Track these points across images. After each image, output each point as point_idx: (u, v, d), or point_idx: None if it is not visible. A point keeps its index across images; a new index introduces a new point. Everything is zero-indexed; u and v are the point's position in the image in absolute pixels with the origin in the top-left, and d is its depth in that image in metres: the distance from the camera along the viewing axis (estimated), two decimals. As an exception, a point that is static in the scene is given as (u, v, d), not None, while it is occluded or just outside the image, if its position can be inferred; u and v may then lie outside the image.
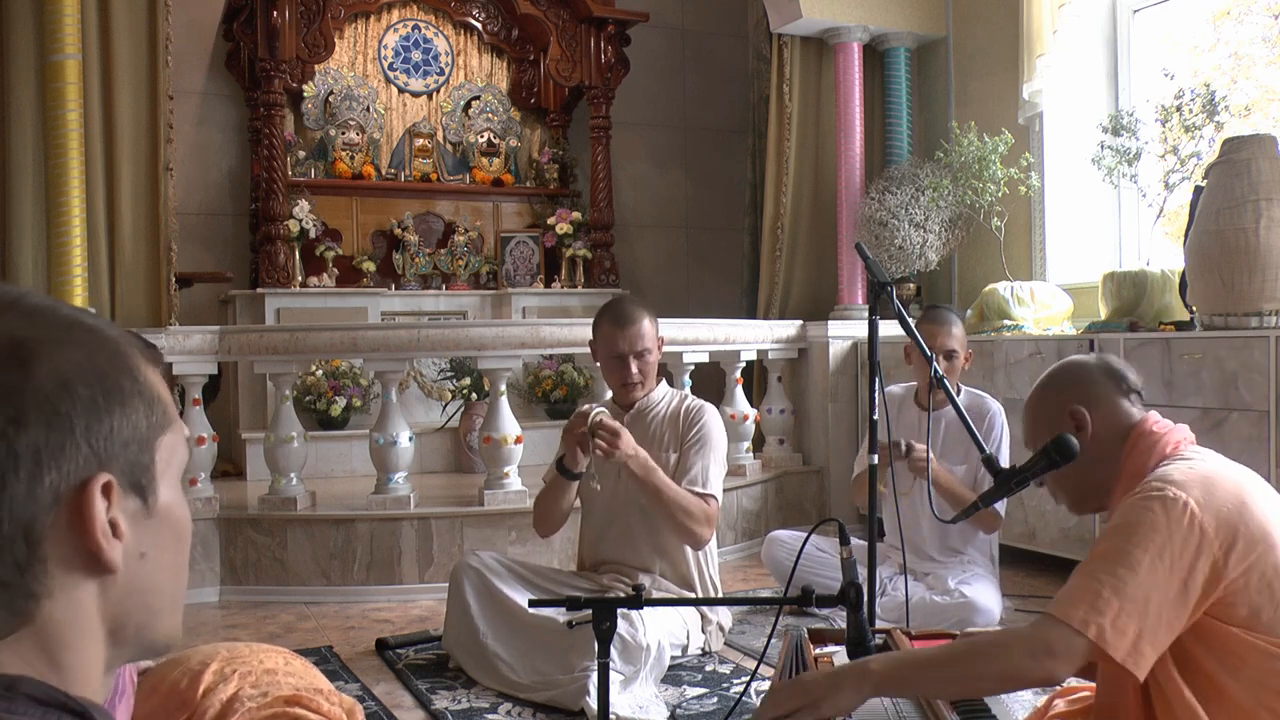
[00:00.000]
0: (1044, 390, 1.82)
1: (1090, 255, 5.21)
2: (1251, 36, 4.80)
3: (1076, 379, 1.78)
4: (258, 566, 4.11)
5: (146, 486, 0.76)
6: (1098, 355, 1.85)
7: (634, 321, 3.04)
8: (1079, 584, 1.51)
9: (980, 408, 3.42)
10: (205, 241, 6.20)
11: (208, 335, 4.17)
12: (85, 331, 0.74)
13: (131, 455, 0.74)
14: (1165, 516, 1.48)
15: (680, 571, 3.15)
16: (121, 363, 0.75)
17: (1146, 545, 1.47)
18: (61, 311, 0.75)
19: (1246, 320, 3.55)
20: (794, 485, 5.37)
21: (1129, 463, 1.69)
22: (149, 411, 0.76)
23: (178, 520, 0.79)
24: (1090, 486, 1.77)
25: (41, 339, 0.71)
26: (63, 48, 3.99)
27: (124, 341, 0.77)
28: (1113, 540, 1.52)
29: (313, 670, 1.63)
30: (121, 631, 0.76)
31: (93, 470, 0.71)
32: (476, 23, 6.68)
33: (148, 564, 0.76)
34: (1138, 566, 1.46)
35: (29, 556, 0.70)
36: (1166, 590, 1.46)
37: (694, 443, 3.07)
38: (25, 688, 0.69)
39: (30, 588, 0.70)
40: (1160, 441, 1.67)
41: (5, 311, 0.72)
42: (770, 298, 5.99)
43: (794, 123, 5.91)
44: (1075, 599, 1.49)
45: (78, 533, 0.71)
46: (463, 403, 5.61)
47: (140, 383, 0.76)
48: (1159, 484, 1.54)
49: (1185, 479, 1.53)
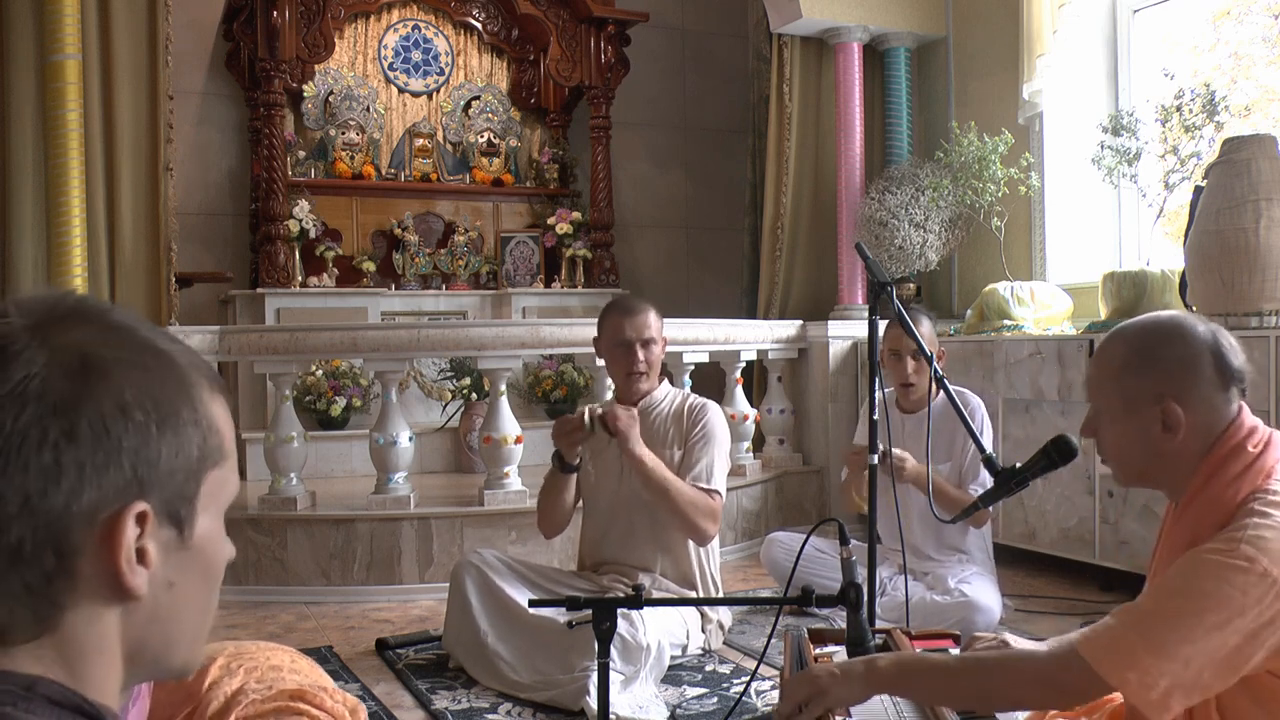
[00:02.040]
0: (1139, 362, 1.55)
1: (1090, 255, 5.21)
2: (1251, 36, 4.80)
3: (1181, 365, 1.52)
4: (258, 566, 4.11)
5: (185, 518, 0.76)
6: (1208, 327, 1.55)
7: (640, 311, 3.10)
8: (1120, 635, 1.39)
9: (960, 402, 3.42)
10: (205, 241, 6.20)
11: (208, 335, 4.17)
12: (156, 356, 0.75)
13: (176, 485, 0.74)
14: (1244, 595, 1.34)
15: (682, 569, 3.16)
16: (185, 392, 0.76)
17: (1209, 619, 1.34)
18: (140, 333, 0.75)
19: (1246, 320, 3.55)
20: (794, 485, 5.37)
21: (1213, 485, 1.50)
22: (203, 443, 0.77)
23: (211, 555, 0.80)
24: (1152, 475, 1.59)
25: (112, 358, 0.72)
26: (63, 48, 3.99)
27: (194, 370, 0.78)
28: (1178, 601, 1.38)
29: (318, 669, 1.64)
30: (140, 656, 0.76)
31: (132, 496, 0.72)
32: (476, 23, 6.68)
33: (174, 594, 0.76)
34: (1191, 634, 1.34)
35: (57, 568, 0.70)
36: (1216, 655, 1.34)
37: (698, 439, 3.09)
38: (43, 689, 0.70)
39: (56, 598, 0.71)
40: (1253, 467, 1.48)
41: (87, 324, 0.73)
42: (770, 298, 5.99)
43: (794, 123, 5.91)
44: (1110, 649, 1.38)
45: (106, 555, 0.71)
46: (463, 403, 5.61)
47: (199, 413, 0.76)
48: (1251, 550, 1.35)
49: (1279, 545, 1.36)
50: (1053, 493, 4.07)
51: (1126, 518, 3.83)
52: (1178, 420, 1.51)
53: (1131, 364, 1.55)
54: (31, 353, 0.70)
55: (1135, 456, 1.58)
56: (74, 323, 0.73)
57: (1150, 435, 1.54)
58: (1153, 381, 1.52)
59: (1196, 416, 1.51)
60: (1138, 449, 1.56)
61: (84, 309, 0.74)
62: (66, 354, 0.70)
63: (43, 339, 0.71)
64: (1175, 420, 1.51)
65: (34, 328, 0.71)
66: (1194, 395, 1.51)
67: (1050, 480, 3.98)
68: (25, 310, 0.73)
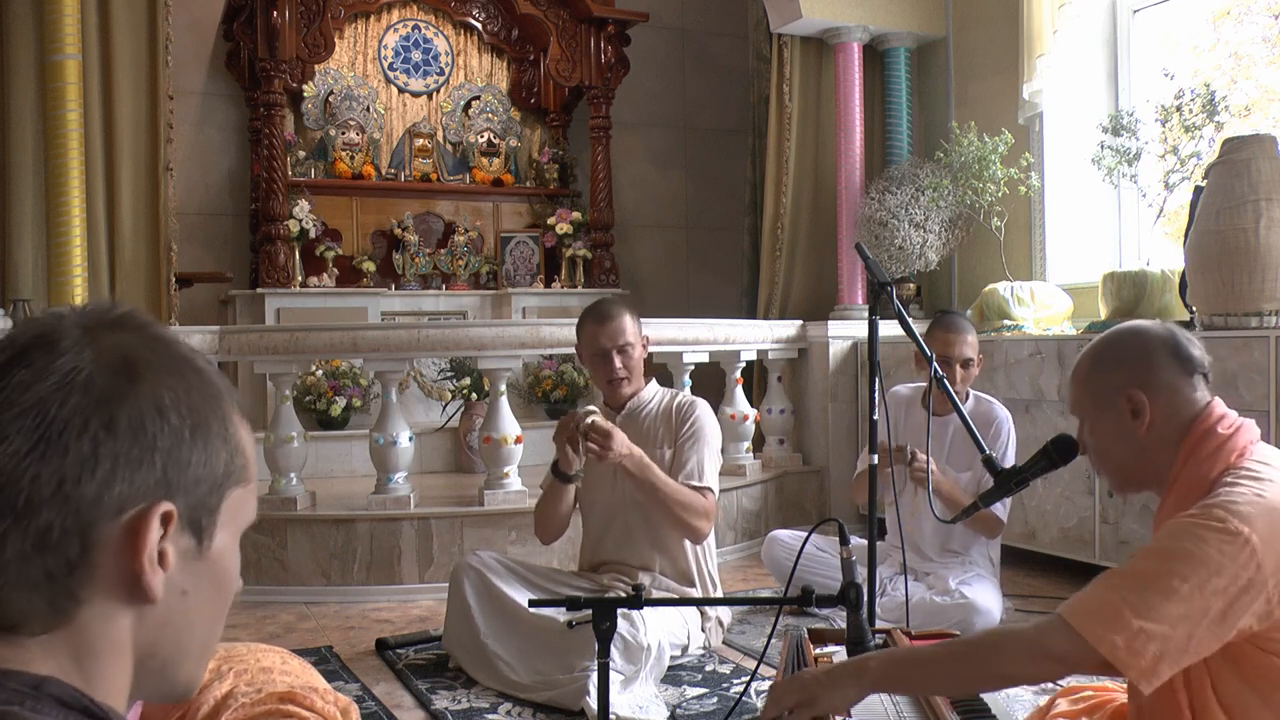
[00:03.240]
0: (1099, 362, 1.64)
1: (1090, 255, 5.21)
2: (1251, 36, 4.80)
3: (1138, 355, 1.60)
4: (258, 566, 4.11)
5: (205, 529, 0.78)
6: (1162, 325, 1.64)
7: (614, 318, 3.06)
8: (1103, 597, 1.42)
9: (988, 414, 3.40)
10: (205, 241, 6.20)
11: (208, 335, 4.17)
12: (194, 370, 0.79)
13: (201, 493, 0.77)
14: (1219, 553, 1.38)
15: (680, 568, 3.15)
16: (217, 407, 0.79)
17: (1189, 576, 1.37)
18: (179, 348, 0.79)
19: (1246, 320, 3.55)
20: (794, 485, 5.37)
21: (1189, 466, 1.55)
22: (230, 460, 0.79)
23: (224, 571, 0.81)
24: (1138, 472, 1.64)
25: (154, 362, 0.76)
26: (63, 48, 3.99)
27: (226, 391, 0.81)
28: (1155, 561, 1.42)
29: (310, 670, 1.63)
30: (149, 662, 0.77)
31: (160, 496, 0.74)
32: (476, 23, 6.68)
33: (187, 603, 0.78)
34: (1173, 595, 1.37)
35: (80, 558, 0.72)
36: (1201, 618, 1.37)
37: (688, 438, 3.09)
38: (51, 689, 0.70)
39: (75, 590, 0.72)
40: (1225, 446, 1.53)
41: (132, 331, 0.77)
42: (770, 298, 5.99)
43: (794, 123, 5.91)
44: (1094, 611, 1.41)
45: (128, 551, 0.73)
46: (463, 403, 5.61)
47: (229, 431, 0.79)
48: (1221, 513, 1.41)
49: (1251, 509, 1.41)
50: (1053, 493, 4.07)
51: (1126, 518, 3.83)
52: (1143, 405, 1.58)
53: (1096, 364, 1.65)
54: (81, 349, 0.74)
55: (1116, 454, 1.64)
56: (121, 328, 0.77)
57: (1123, 426, 1.61)
58: (1115, 374, 1.61)
59: (1162, 401, 1.58)
60: (1115, 444, 1.62)
61: (131, 318, 0.79)
62: (112, 354, 0.75)
63: (92, 338, 0.75)
64: (1140, 405, 1.58)
65: (85, 328, 0.76)
66: (1155, 381, 1.58)
67: (1050, 480, 3.98)
68: (80, 313, 0.78)
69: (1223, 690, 1.48)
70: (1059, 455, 2.00)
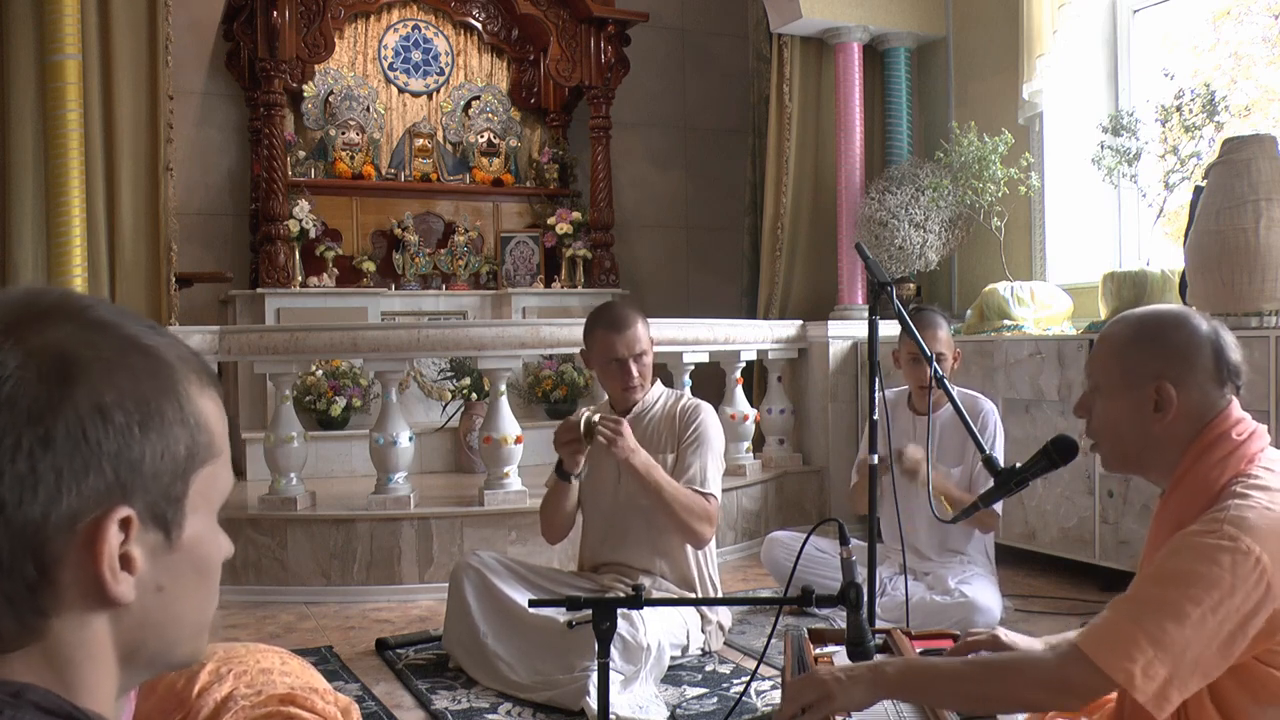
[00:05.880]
0: (1139, 339, 1.61)
1: (1090, 255, 5.21)
2: (1251, 36, 4.80)
3: (1182, 349, 1.57)
4: (258, 566, 4.11)
5: (172, 520, 0.73)
6: (1214, 327, 1.61)
7: (629, 325, 3.05)
8: (1117, 626, 1.42)
9: (973, 408, 3.40)
10: (205, 241, 6.20)
11: (208, 335, 4.17)
12: (141, 353, 0.72)
13: (161, 486, 0.72)
14: (1232, 574, 1.37)
15: (681, 571, 3.15)
16: (171, 389, 0.73)
17: (1201, 600, 1.37)
18: (124, 329, 0.72)
19: (1246, 320, 3.55)
20: (794, 485, 5.37)
21: (1198, 468, 1.54)
22: (191, 441, 0.74)
23: (203, 555, 0.77)
24: (1137, 458, 1.63)
25: (91, 357, 0.69)
26: (63, 48, 3.99)
27: (182, 364, 0.75)
28: (1167, 586, 1.41)
29: (310, 670, 1.63)
30: (135, 657, 0.75)
31: (115, 501, 0.69)
32: (476, 23, 6.68)
33: (164, 597, 0.74)
34: (1185, 620, 1.37)
35: (39, 578, 0.68)
36: (1211, 642, 1.37)
37: (691, 442, 3.08)
38: (31, 695, 0.68)
39: (40, 607, 0.69)
40: (1236, 453, 1.52)
41: (65, 322, 0.70)
42: (770, 298, 5.99)
43: (794, 123, 5.91)
44: (1109, 641, 1.40)
45: (88, 562, 0.69)
46: (463, 403, 5.61)
47: (186, 411, 0.73)
48: (1233, 530, 1.40)
49: (1262, 525, 1.40)
50: (1053, 493, 4.07)
51: (1126, 518, 3.83)
52: (1170, 401, 1.55)
53: (1136, 341, 1.60)
54: (4, 355, 0.67)
55: (1124, 435, 1.62)
56: (51, 321, 0.69)
57: (1142, 414, 1.58)
58: (1154, 360, 1.57)
59: (1188, 402, 1.56)
60: (1127, 427, 1.60)
61: (64, 306, 0.71)
62: (42, 355, 0.68)
63: (17, 340, 0.68)
64: (1168, 401, 1.55)
65: (7, 328, 0.68)
66: (1189, 381, 1.56)
67: (1050, 480, 3.98)
68: (2, 308, 0.70)
69: (1220, 699, 1.48)
70: (1059, 455, 2.00)
